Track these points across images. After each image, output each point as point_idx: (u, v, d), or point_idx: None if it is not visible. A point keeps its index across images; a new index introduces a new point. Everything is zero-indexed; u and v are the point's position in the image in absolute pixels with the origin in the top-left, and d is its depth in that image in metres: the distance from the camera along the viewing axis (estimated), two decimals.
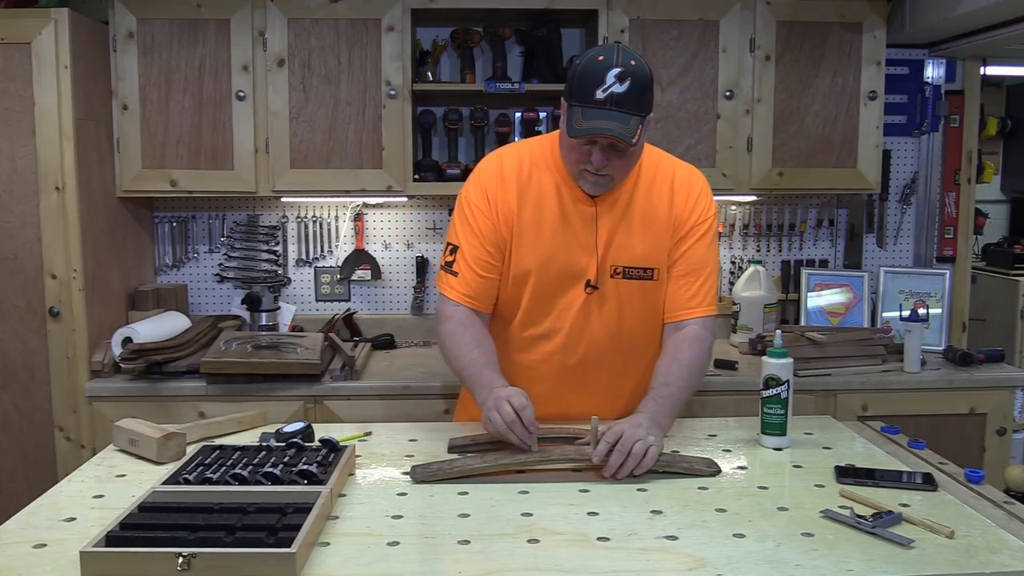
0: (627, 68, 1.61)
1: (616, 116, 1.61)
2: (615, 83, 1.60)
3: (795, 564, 1.23)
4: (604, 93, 1.60)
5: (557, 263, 1.79)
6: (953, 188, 3.31)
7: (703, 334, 1.82)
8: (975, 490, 1.56)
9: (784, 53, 2.88)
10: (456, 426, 1.94)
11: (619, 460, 1.54)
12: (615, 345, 1.84)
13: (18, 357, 2.59)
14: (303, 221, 3.19)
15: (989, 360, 2.82)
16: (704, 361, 1.83)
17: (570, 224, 1.79)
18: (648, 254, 1.80)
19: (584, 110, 1.62)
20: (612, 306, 1.82)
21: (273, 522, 1.25)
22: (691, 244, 1.82)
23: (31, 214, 2.55)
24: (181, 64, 2.78)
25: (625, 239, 1.79)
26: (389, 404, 2.58)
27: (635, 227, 1.80)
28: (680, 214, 1.81)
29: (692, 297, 1.82)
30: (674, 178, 1.83)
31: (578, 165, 1.71)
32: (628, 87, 1.60)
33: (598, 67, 1.62)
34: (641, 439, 1.56)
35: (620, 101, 1.60)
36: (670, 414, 1.72)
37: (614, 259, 1.80)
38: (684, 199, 1.82)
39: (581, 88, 1.63)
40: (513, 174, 1.81)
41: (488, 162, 1.87)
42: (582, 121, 1.62)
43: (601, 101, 1.60)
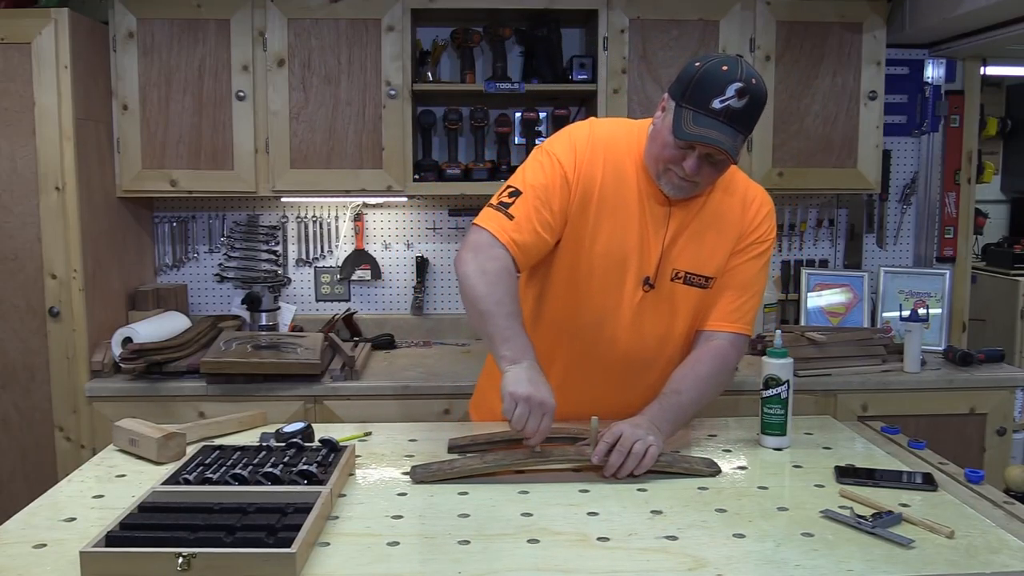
0: (748, 85, 1.56)
1: (727, 130, 1.57)
2: (734, 97, 1.56)
3: (795, 564, 1.23)
4: (722, 104, 1.56)
5: (627, 252, 1.73)
6: (953, 188, 3.31)
7: (730, 352, 1.78)
8: (975, 490, 1.56)
9: (784, 53, 2.88)
10: (456, 426, 1.94)
11: (619, 460, 1.54)
12: (661, 348, 1.80)
13: (18, 357, 2.59)
14: (303, 221, 3.19)
15: (989, 360, 2.82)
16: (723, 380, 1.79)
17: (643, 217, 1.73)
18: (712, 263, 1.77)
19: (696, 115, 1.57)
20: (666, 309, 1.77)
21: (273, 522, 1.25)
22: (747, 259, 1.79)
23: (31, 214, 2.55)
24: (181, 64, 2.78)
25: (690, 244, 1.76)
26: (389, 404, 2.58)
27: (702, 234, 1.76)
28: (747, 227, 1.78)
29: (732, 311, 1.79)
30: (747, 193, 1.80)
31: (667, 164, 1.65)
32: (746, 104, 1.57)
33: (721, 76, 1.57)
34: (640, 439, 1.55)
35: (735, 116, 1.57)
36: (672, 421, 1.69)
37: (676, 263, 1.75)
38: (754, 215, 1.79)
39: (698, 93, 1.58)
40: (603, 147, 1.73)
41: (581, 127, 1.78)
42: (692, 126, 1.58)
43: (717, 111, 1.56)
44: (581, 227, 1.72)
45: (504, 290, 1.62)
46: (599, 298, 1.76)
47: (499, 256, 1.65)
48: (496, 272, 1.63)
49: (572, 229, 1.72)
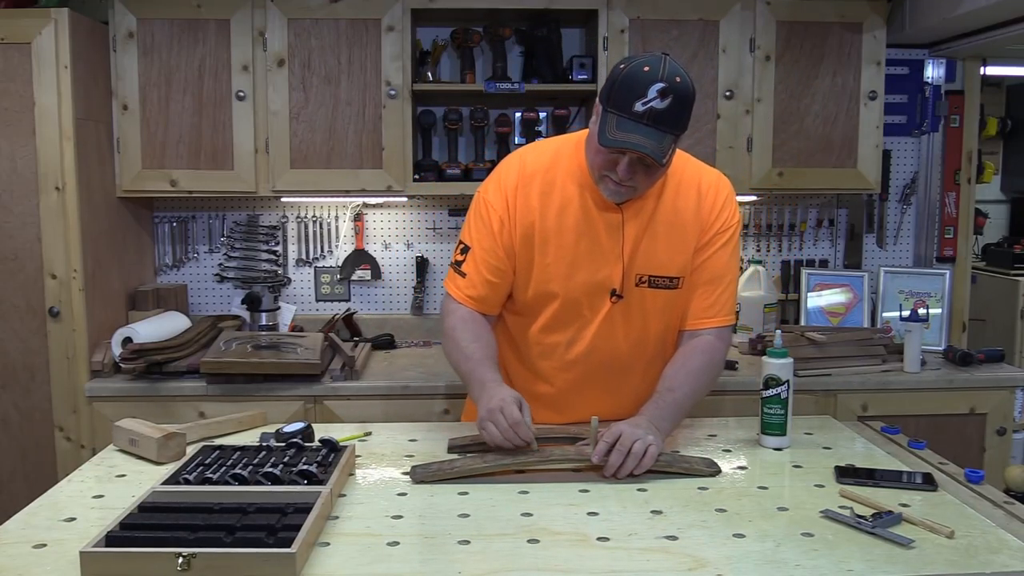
0: (671, 84, 1.54)
1: (651, 133, 1.54)
2: (656, 98, 1.53)
3: (795, 564, 1.23)
4: (644, 107, 1.53)
5: (582, 272, 1.74)
6: (953, 188, 3.31)
7: (717, 344, 1.79)
8: (975, 490, 1.56)
9: (784, 53, 2.88)
10: (456, 426, 1.94)
11: (619, 459, 1.54)
12: (639, 353, 1.81)
13: (18, 357, 2.59)
14: (303, 221, 3.19)
15: (989, 360, 2.81)
16: (714, 371, 1.80)
17: (595, 231, 1.73)
18: (674, 262, 1.76)
19: (619, 120, 1.56)
20: (637, 315, 1.78)
21: (273, 522, 1.25)
22: (713, 252, 1.78)
23: (31, 214, 2.55)
24: (181, 64, 2.78)
25: (650, 247, 1.75)
26: (389, 404, 2.58)
27: (660, 235, 1.75)
28: (706, 221, 1.77)
29: (710, 307, 1.79)
30: (700, 183, 1.78)
31: (601, 171, 1.65)
32: (669, 104, 1.54)
33: (642, 78, 1.54)
34: (640, 439, 1.55)
35: (658, 117, 1.54)
36: (670, 419, 1.70)
37: (639, 268, 1.75)
38: (711, 205, 1.77)
39: (621, 96, 1.56)
40: (537, 177, 1.75)
41: (510, 162, 1.81)
42: (615, 132, 1.56)
43: (639, 114, 1.54)
44: (529, 259, 1.76)
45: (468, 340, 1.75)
46: (566, 317, 1.79)
47: (458, 311, 1.80)
48: (457, 328, 1.77)
49: (522, 262, 1.77)
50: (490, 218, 1.77)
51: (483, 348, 1.75)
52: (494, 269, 1.77)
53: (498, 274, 1.78)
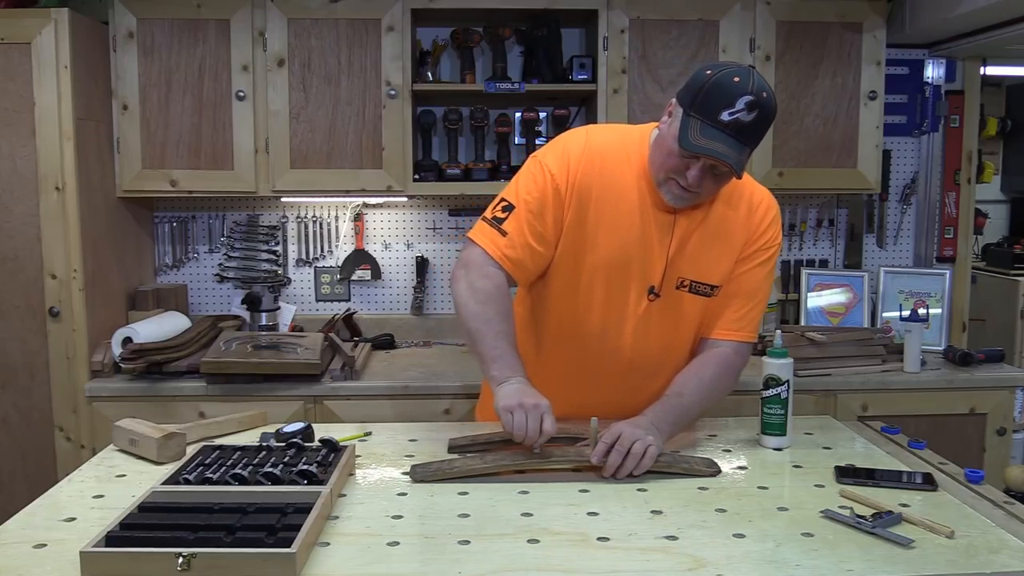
0: (759, 98, 1.53)
1: (734, 144, 1.53)
2: (744, 110, 1.52)
3: (795, 564, 1.23)
4: (731, 117, 1.52)
5: (629, 262, 1.71)
6: (953, 188, 3.31)
7: (734, 360, 1.78)
8: (975, 490, 1.56)
9: (784, 53, 2.88)
10: (456, 426, 1.94)
11: (618, 459, 1.54)
12: (667, 358, 1.80)
13: (18, 357, 2.59)
14: (303, 221, 3.19)
15: (989, 360, 2.81)
16: (726, 385, 1.79)
17: (645, 225, 1.70)
18: (717, 271, 1.75)
19: (703, 126, 1.54)
20: (671, 318, 1.76)
21: (273, 522, 1.25)
22: (753, 267, 1.77)
23: (31, 214, 2.55)
24: (181, 64, 2.78)
25: (696, 252, 1.73)
26: (389, 404, 2.58)
27: (708, 242, 1.73)
28: (752, 234, 1.76)
29: (737, 320, 1.77)
30: (752, 197, 1.77)
31: (669, 173, 1.62)
32: (755, 117, 1.53)
33: (732, 88, 1.53)
34: (640, 439, 1.55)
35: (743, 129, 1.53)
36: (673, 422, 1.68)
37: (681, 271, 1.73)
38: (760, 221, 1.76)
39: (708, 103, 1.54)
40: (600, 156, 1.70)
41: (576, 134, 1.76)
42: (699, 138, 1.54)
43: (725, 124, 1.53)
44: (579, 237, 1.71)
45: (494, 309, 1.64)
46: (602, 308, 1.75)
47: (491, 274, 1.68)
48: (486, 291, 1.66)
49: (569, 240, 1.71)
50: (545, 183, 1.69)
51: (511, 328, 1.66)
52: (539, 235, 1.69)
53: (541, 242, 1.70)
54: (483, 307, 1.65)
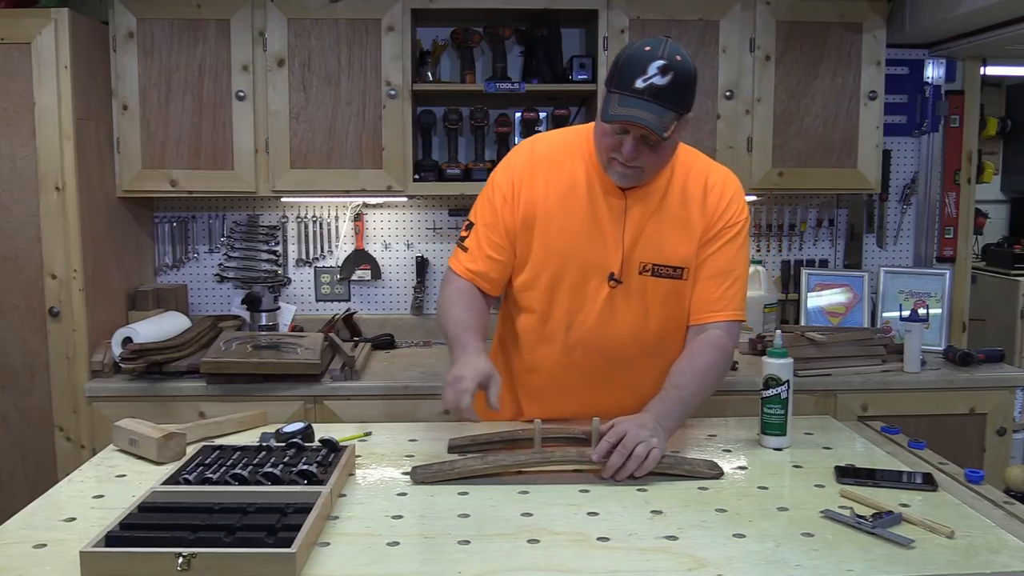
0: (672, 62, 1.58)
1: (652, 107, 1.58)
2: (657, 75, 1.57)
3: (795, 564, 1.23)
4: (644, 83, 1.58)
5: (581, 253, 1.76)
6: (953, 188, 3.31)
7: (724, 340, 1.79)
8: (975, 490, 1.56)
9: (784, 53, 2.88)
10: (456, 426, 1.94)
11: (619, 461, 1.53)
12: (640, 344, 1.81)
13: (18, 357, 2.59)
14: (303, 221, 3.19)
15: (989, 360, 2.81)
16: (722, 368, 1.79)
17: (598, 215, 1.76)
18: (679, 253, 1.77)
19: (621, 97, 1.60)
20: (638, 303, 1.79)
21: (273, 522, 1.25)
22: (720, 246, 1.79)
23: (31, 214, 2.55)
24: (181, 64, 2.78)
25: (655, 236, 1.77)
26: (389, 404, 2.58)
27: (667, 225, 1.77)
28: (712, 215, 1.78)
29: (718, 300, 1.79)
30: (708, 178, 1.80)
31: (608, 153, 1.68)
32: (670, 81, 1.58)
33: (643, 56, 1.59)
34: (644, 441, 1.55)
35: (659, 93, 1.58)
36: (677, 417, 1.69)
37: (643, 256, 1.77)
38: (717, 200, 1.79)
39: (623, 75, 1.60)
40: (544, 161, 1.79)
41: (521, 147, 1.86)
42: (617, 108, 1.60)
43: (640, 91, 1.58)
44: (529, 241, 1.79)
45: (460, 308, 1.78)
46: (563, 301, 1.80)
47: (456, 282, 1.83)
48: (451, 296, 1.81)
49: (523, 244, 1.80)
50: (494, 197, 1.81)
51: (474, 317, 1.78)
52: (495, 245, 1.81)
53: (498, 251, 1.81)
54: (446, 307, 1.81)
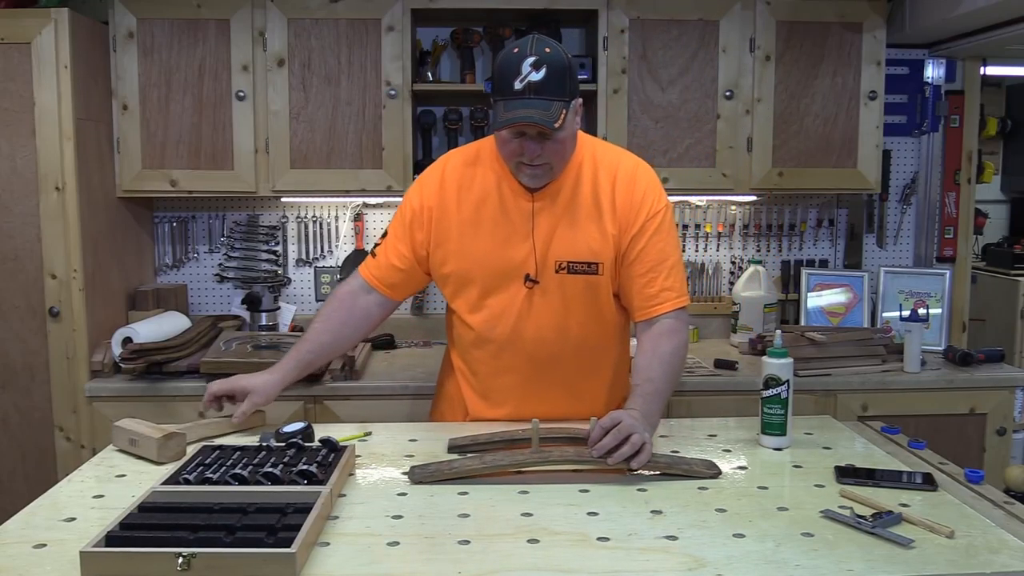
0: (541, 56, 1.63)
1: (536, 103, 1.62)
2: (531, 72, 1.62)
3: (795, 564, 1.23)
4: (522, 83, 1.62)
5: (494, 258, 1.80)
6: (953, 188, 3.31)
7: (677, 326, 1.80)
8: (975, 490, 1.56)
9: (784, 53, 2.88)
10: (456, 426, 1.94)
11: (613, 442, 1.53)
12: (564, 342, 1.83)
13: (18, 357, 2.59)
14: (303, 221, 3.19)
15: (989, 360, 2.81)
16: (682, 353, 1.81)
17: (509, 219, 1.79)
18: (592, 248, 1.79)
19: (506, 102, 1.65)
20: (556, 301, 1.81)
21: (273, 522, 1.25)
22: (646, 241, 1.79)
23: (31, 214, 2.55)
24: (181, 64, 2.78)
25: (568, 233, 1.79)
26: (389, 404, 2.58)
27: (578, 221, 1.79)
28: (627, 211, 1.79)
29: (659, 292, 1.80)
30: (617, 172, 1.82)
31: (513, 159, 1.72)
32: (545, 74, 1.62)
33: (514, 59, 1.64)
34: (638, 432, 1.55)
35: (538, 88, 1.62)
36: (658, 411, 1.72)
37: (557, 254, 1.79)
38: (628, 195, 1.80)
39: (501, 81, 1.66)
40: (455, 177, 1.84)
41: (435, 167, 1.90)
42: (504, 113, 1.64)
43: (520, 91, 1.63)
44: (444, 252, 1.84)
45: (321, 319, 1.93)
46: (487, 306, 1.83)
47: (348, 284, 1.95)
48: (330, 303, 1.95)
49: (438, 256, 1.85)
50: (405, 213, 1.89)
51: (319, 334, 1.91)
52: (399, 256, 1.88)
53: (401, 261, 1.89)
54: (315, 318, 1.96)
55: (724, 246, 3.27)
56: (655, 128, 2.86)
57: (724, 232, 3.26)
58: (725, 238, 3.27)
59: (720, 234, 3.26)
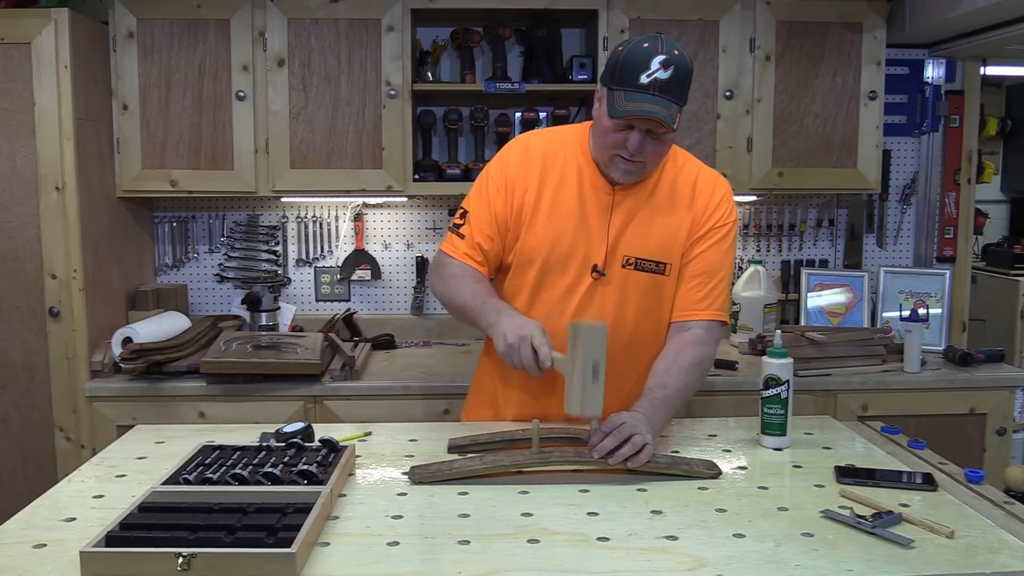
0: (671, 56, 1.63)
1: (659, 101, 1.62)
2: (659, 69, 1.62)
3: (795, 564, 1.23)
4: (648, 78, 1.62)
5: (565, 244, 1.79)
6: (953, 188, 3.31)
7: (707, 339, 1.80)
8: (975, 490, 1.56)
9: (784, 53, 2.88)
10: (456, 426, 1.94)
11: (613, 444, 1.53)
12: (619, 337, 1.81)
13: (18, 357, 2.59)
14: (303, 221, 3.19)
15: (989, 360, 2.82)
16: (704, 366, 1.80)
17: (585, 209, 1.79)
18: (662, 248, 1.80)
19: (627, 93, 1.64)
20: (618, 295, 1.80)
21: (273, 522, 1.25)
22: (708, 246, 1.81)
23: (31, 214, 2.55)
24: (181, 64, 2.78)
25: (640, 230, 1.79)
26: (389, 404, 2.58)
27: (653, 221, 1.80)
28: (700, 215, 1.81)
29: (702, 299, 1.80)
30: (697, 179, 1.84)
31: (612, 150, 1.71)
32: (672, 74, 1.62)
33: (643, 53, 1.63)
34: (640, 433, 1.55)
35: (663, 87, 1.62)
36: (663, 416, 1.70)
37: (627, 249, 1.79)
38: (706, 201, 1.82)
39: (625, 72, 1.64)
40: (538, 156, 1.83)
41: (517, 142, 1.89)
42: (625, 103, 1.64)
43: (645, 86, 1.62)
44: (519, 233, 1.83)
45: (469, 283, 1.81)
46: (547, 291, 1.83)
47: (459, 265, 1.85)
48: (454, 274, 1.83)
49: (512, 236, 1.84)
50: (488, 190, 1.85)
51: (489, 288, 1.82)
52: (485, 235, 1.84)
53: (489, 241, 1.84)
54: (456, 282, 1.82)
55: None
56: None
57: None
58: None
59: None
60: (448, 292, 1.84)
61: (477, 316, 1.77)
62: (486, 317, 1.74)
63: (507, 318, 1.69)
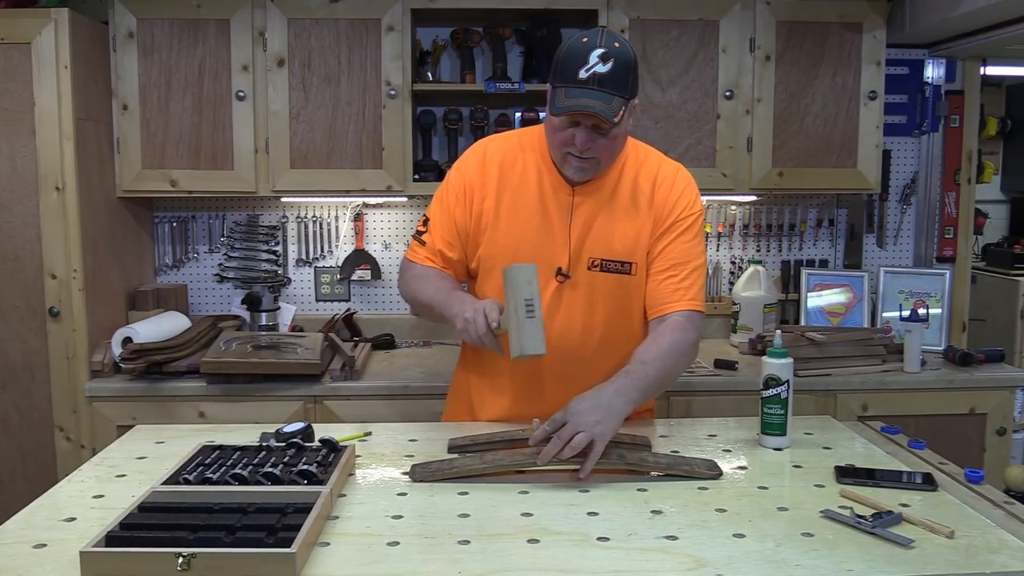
0: (610, 49, 1.62)
1: (598, 95, 1.61)
2: (598, 63, 1.61)
3: (795, 564, 1.23)
4: (587, 73, 1.61)
5: (528, 248, 1.78)
6: (953, 188, 3.31)
7: (686, 324, 1.78)
8: (975, 490, 1.56)
9: (784, 53, 2.88)
10: (456, 426, 1.94)
11: (554, 450, 1.52)
12: (589, 339, 1.82)
13: (18, 357, 2.59)
14: (303, 221, 3.19)
15: (989, 360, 2.82)
16: (686, 350, 1.77)
17: (546, 211, 1.79)
18: (626, 248, 1.79)
19: (567, 90, 1.63)
20: (585, 298, 1.80)
21: (273, 522, 1.25)
22: (672, 239, 1.80)
23: (31, 214, 2.55)
24: (181, 64, 2.78)
25: (604, 231, 1.78)
26: (389, 404, 2.58)
27: (615, 220, 1.79)
28: (661, 211, 1.80)
29: (674, 291, 1.79)
30: (658, 173, 1.83)
31: (562, 148, 1.71)
32: (611, 68, 1.62)
33: (582, 48, 1.63)
34: (585, 431, 1.52)
35: (603, 81, 1.62)
36: (641, 389, 1.66)
37: (591, 251, 1.79)
38: (666, 194, 1.81)
39: (564, 68, 1.64)
40: (496, 161, 1.83)
41: (475, 148, 1.89)
42: (564, 100, 1.63)
43: (583, 81, 1.62)
44: (479, 239, 1.83)
45: (433, 280, 1.84)
46: None
47: (421, 268, 1.88)
48: (421, 275, 1.87)
49: (474, 243, 1.84)
50: (448, 198, 1.86)
51: (453, 283, 1.85)
52: (447, 242, 1.86)
53: (450, 247, 1.86)
54: (420, 283, 1.86)
55: (724, 246, 3.27)
56: (655, 128, 2.86)
57: (724, 232, 3.26)
58: (725, 238, 3.27)
59: (720, 234, 3.26)
60: (413, 291, 1.88)
61: (442, 308, 1.78)
62: (450, 308, 1.75)
63: (468, 301, 1.72)
